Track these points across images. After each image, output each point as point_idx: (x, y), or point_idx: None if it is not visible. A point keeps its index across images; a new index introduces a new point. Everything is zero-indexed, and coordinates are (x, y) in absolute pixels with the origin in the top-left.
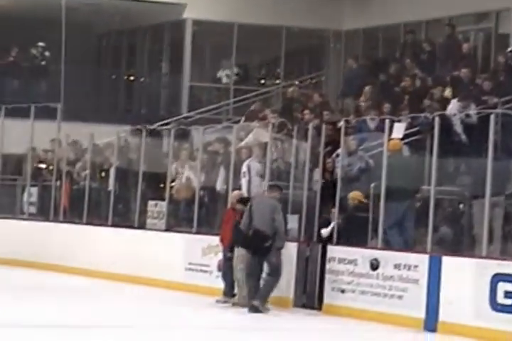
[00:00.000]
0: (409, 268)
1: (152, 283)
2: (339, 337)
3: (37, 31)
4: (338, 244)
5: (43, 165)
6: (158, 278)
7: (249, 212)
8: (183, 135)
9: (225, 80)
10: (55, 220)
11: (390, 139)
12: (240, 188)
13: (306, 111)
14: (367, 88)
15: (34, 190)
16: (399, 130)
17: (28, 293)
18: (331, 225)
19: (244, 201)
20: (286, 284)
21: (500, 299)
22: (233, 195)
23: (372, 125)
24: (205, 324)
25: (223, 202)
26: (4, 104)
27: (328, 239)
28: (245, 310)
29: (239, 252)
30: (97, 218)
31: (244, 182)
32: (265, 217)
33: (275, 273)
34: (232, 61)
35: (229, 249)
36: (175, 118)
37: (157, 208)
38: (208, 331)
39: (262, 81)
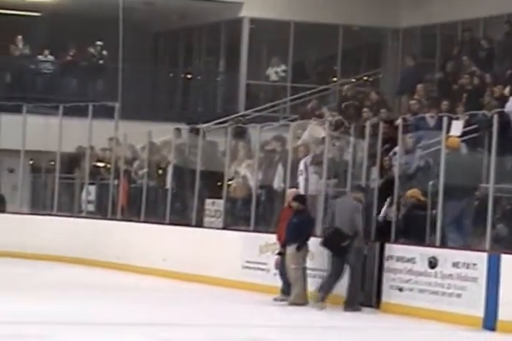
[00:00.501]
0: (467, 267)
1: (209, 281)
2: (397, 336)
3: (95, 30)
4: (396, 242)
5: (101, 164)
6: (216, 276)
7: (331, 211)
8: (239, 133)
9: (273, 78)
10: (113, 218)
11: (448, 137)
12: (297, 186)
13: (365, 109)
14: (419, 86)
15: (92, 189)
16: (457, 127)
17: (86, 291)
18: (385, 205)
19: (299, 199)
20: (345, 282)
21: None
22: (289, 193)
23: (431, 123)
24: (263, 322)
25: (280, 200)
26: (62, 103)
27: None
28: (302, 308)
29: (290, 251)
30: (154, 216)
31: (301, 180)
32: (346, 217)
33: (353, 272)
34: (289, 59)
35: (281, 246)
36: (231, 117)
37: (214, 206)
38: (266, 329)
39: (319, 79)
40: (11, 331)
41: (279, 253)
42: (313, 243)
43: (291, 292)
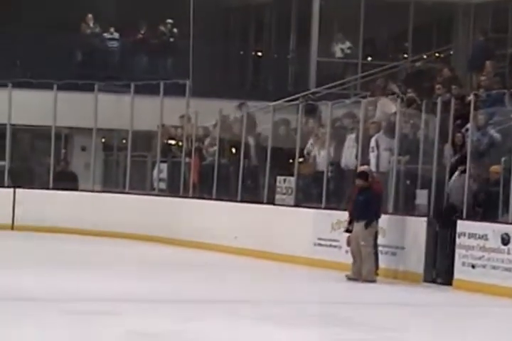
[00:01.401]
0: None
1: (281, 259)
2: (469, 313)
3: (165, 8)
4: (468, 218)
5: (173, 142)
6: (287, 253)
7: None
8: (310, 111)
9: (339, 54)
10: (185, 196)
11: None
12: (368, 163)
13: (437, 86)
14: (488, 62)
15: (164, 166)
16: None
17: (158, 268)
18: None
19: (362, 176)
20: (417, 259)
21: None
22: (359, 170)
23: (504, 99)
24: (334, 299)
25: (352, 177)
26: (134, 81)
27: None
28: (374, 285)
29: (358, 228)
30: (226, 194)
31: (372, 157)
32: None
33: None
34: (360, 36)
35: (348, 222)
36: (302, 94)
37: (286, 184)
38: (337, 306)
39: (390, 55)
40: (81, 308)
41: (346, 231)
42: (384, 220)
43: (362, 269)
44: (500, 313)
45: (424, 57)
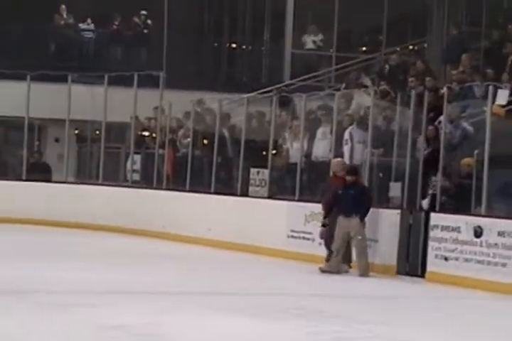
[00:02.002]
0: None
1: (255, 251)
2: (442, 305)
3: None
4: (441, 211)
5: (146, 133)
6: (261, 245)
7: None
8: (284, 103)
9: (310, 46)
10: (159, 188)
11: (493, 106)
12: (342, 156)
13: (412, 79)
14: (464, 55)
15: (137, 158)
16: (503, 96)
17: (132, 260)
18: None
19: (352, 171)
20: (390, 252)
21: None
22: (335, 163)
23: (477, 92)
24: (307, 291)
25: (326, 170)
26: (107, 72)
27: (431, 210)
28: (347, 277)
29: (354, 222)
30: (199, 186)
31: (346, 149)
32: None
33: None
34: (335, 28)
35: (324, 216)
36: (276, 86)
37: (259, 176)
38: (310, 298)
39: (364, 48)
40: (60, 300)
41: (323, 225)
42: None
43: (357, 264)
44: (473, 305)
45: (398, 50)
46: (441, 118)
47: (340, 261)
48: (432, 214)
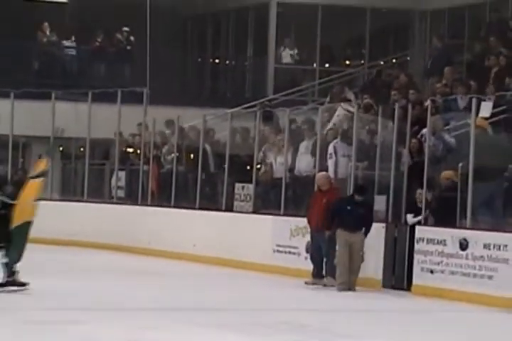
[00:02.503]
0: (498, 248)
1: (240, 266)
2: (429, 318)
3: (122, 16)
4: (426, 224)
5: (131, 150)
6: (246, 260)
7: None
8: (268, 117)
9: (287, 60)
10: (144, 204)
11: (477, 118)
12: (326, 170)
13: (395, 92)
14: (447, 68)
15: (122, 174)
16: (486, 109)
17: (117, 276)
18: (419, 217)
19: (361, 191)
20: (375, 265)
21: None
22: (320, 177)
23: (461, 104)
24: (292, 306)
25: (310, 184)
26: (91, 89)
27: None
28: (333, 290)
29: (359, 238)
30: (184, 201)
31: (330, 163)
32: None
33: None
34: (317, 42)
35: (316, 230)
36: (260, 101)
37: (244, 191)
38: (295, 313)
39: (347, 61)
40: (43, 317)
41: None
42: None
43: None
44: (458, 318)
45: (381, 63)
46: (424, 131)
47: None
48: (417, 227)
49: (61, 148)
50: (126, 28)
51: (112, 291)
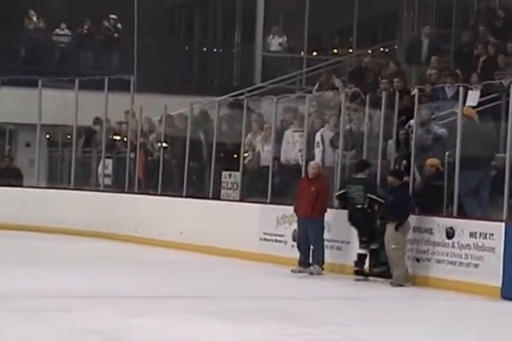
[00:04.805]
0: (485, 237)
1: (227, 254)
2: (414, 306)
3: (109, 3)
4: (413, 213)
5: (117, 137)
6: (233, 248)
7: None
8: (255, 106)
9: (274, 48)
10: (130, 192)
11: (464, 107)
12: (313, 158)
13: (384, 80)
14: (434, 57)
15: (109, 162)
16: (473, 98)
17: (104, 264)
18: None
19: (396, 174)
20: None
21: None
22: (311, 165)
23: (448, 93)
24: (279, 294)
25: (298, 173)
26: (78, 76)
27: None
28: (319, 279)
29: (389, 230)
30: (171, 189)
31: (317, 152)
32: None
33: None
34: (305, 30)
35: (303, 218)
36: (248, 89)
37: (231, 179)
38: (282, 301)
39: (335, 50)
40: (33, 305)
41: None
42: (329, 214)
43: (392, 273)
44: (444, 306)
45: (369, 51)
46: (412, 122)
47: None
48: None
49: (48, 136)
50: (113, 16)
51: (99, 279)
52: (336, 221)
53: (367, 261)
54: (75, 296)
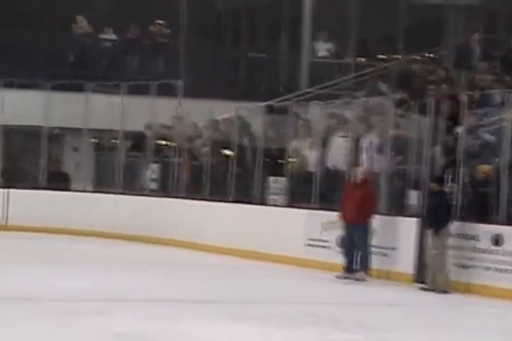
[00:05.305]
0: None
1: (272, 259)
2: (459, 313)
3: (157, 8)
4: (460, 219)
5: (164, 142)
6: (279, 253)
7: None
8: (302, 111)
9: (321, 53)
10: (177, 196)
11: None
12: (359, 164)
13: (432, 86)
14: (482, 63)
15: (156, 167)
16: None
17: (149, 268)
18: None
19: (439, 180)
20: (408, 260)
21: None
22: (356, 171)
23: (497, 99)
24: (324, 299)
25: (344, 178)
26: (125, 81)
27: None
28: (364, 285)
29: (429, 235)
30: (217, 194)
31: (363, 157)
32: None
33: None
34: (352, 36)
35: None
36: (294, 94)
37: (277, 184)
38: (327, 306)
39: (382, 56)
40: (71, 307)
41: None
42: (375, 220)
43: (430, 279)
44: (490, 314)
45: (416, 57)
46: (459, 128)
47: (433, 277)
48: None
49: (94, 140)
50: (160, 21)
51: (146, 283)
52: (381, 226)
53: None
54: (118, 299)
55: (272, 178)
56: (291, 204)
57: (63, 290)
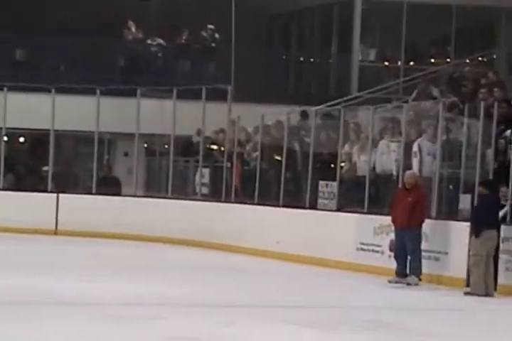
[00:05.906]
0: None
1: (323, 264)
2: None
3: (207, 13)
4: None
5: (215, 147)
6: (330, 258)
7: None
8: (352, 115)
9: (371, 57)
10: (227, 201)
11: None
12: (410, 168)
13: (483, 90)
14: None
15: (206, 171)
16: None
17: (199, 272)
18: (505, 208)
19: (486, 184)
20: (460, 264)
21: None
22: (408, 175)
23: None
24: (376, 304)
25: (393, 182)
26: (176, 86)
27: (502, 221)
28: (416, 290)
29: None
30: (268, 198)
31: (415, 162)
32: None
33: None
34: (402, 40)
35: (400, 229)
36: (344, 99)
37: (328, 188)
38: (379, 311)
39: (432, 60)
40: (123, 312)
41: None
42: (427, 224)
43: (471, 283)
44: None
45: (467, 61)
46: (509, 132)
47: (476, 281)
48: (503, 227)
49: (146, 145)
50: (211, 26)
51: (196, 288)
52: (434, 231)
53: None
54: (169, 304)
55: (322, 183)
56: (342, 209)
57: (115, 295)
